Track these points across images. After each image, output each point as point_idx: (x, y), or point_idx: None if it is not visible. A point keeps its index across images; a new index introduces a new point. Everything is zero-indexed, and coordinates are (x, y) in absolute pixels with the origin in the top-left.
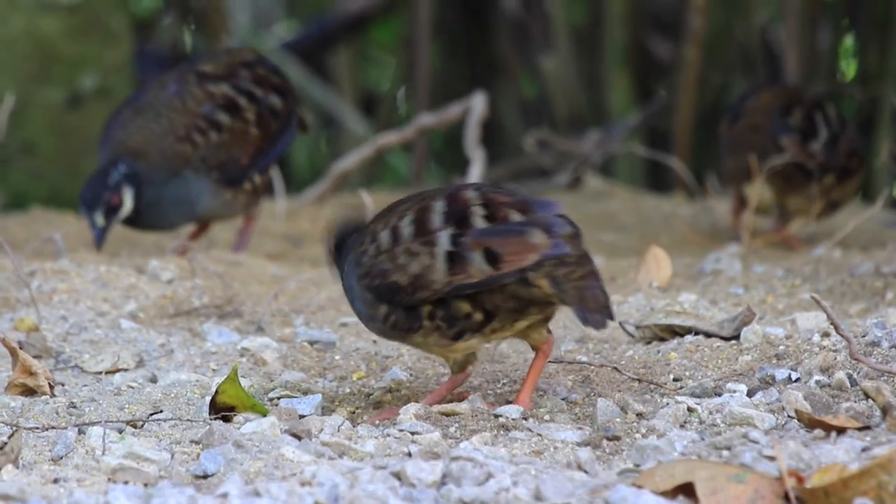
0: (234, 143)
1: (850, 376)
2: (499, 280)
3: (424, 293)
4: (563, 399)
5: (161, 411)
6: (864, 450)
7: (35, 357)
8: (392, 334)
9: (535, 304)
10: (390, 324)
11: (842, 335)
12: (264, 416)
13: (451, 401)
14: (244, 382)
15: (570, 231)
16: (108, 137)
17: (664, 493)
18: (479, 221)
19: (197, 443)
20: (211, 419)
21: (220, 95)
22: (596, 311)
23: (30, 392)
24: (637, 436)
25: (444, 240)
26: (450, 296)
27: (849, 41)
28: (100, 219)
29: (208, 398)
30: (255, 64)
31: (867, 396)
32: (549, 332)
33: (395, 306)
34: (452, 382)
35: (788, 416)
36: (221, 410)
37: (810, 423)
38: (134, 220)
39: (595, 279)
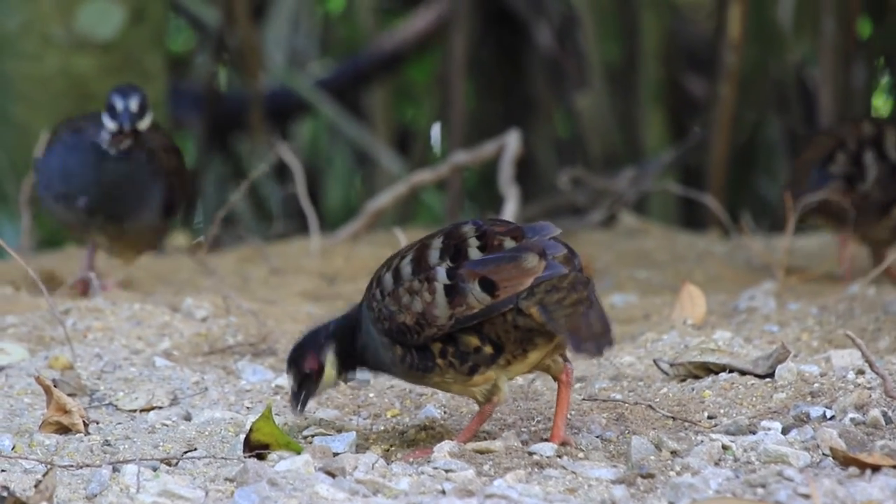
0: None
1: (884, 414)
2: (498, 308)
3: (430, 330)
4: (597, 437)
5: (195, 449)
6: None
7: (69, 395)
8: (413, 376)
9: (538, 333)
10: (407, 365)
11: (877, 373)
12: (298, 453)
13: (482, 437)
14: (278, 420)
15: (564, 253)
16: None
17: None
18: (474, 252)
19: (231, 481)
20: (245, 457)
21: None
22: (589, 339)
23: (64, 430)
24: (671, 473)
25: (441, 274)
26: (455, 330)
27: (884, 79)
28: (134, 104)
29: (242, 436)
30: None
31: None
32: (566, 359)
33: (408, 347)
34: (480, 416)
35: (823, 453)
36: (256, 448)
37: (845, 461)
38: None
39: (590, 305)
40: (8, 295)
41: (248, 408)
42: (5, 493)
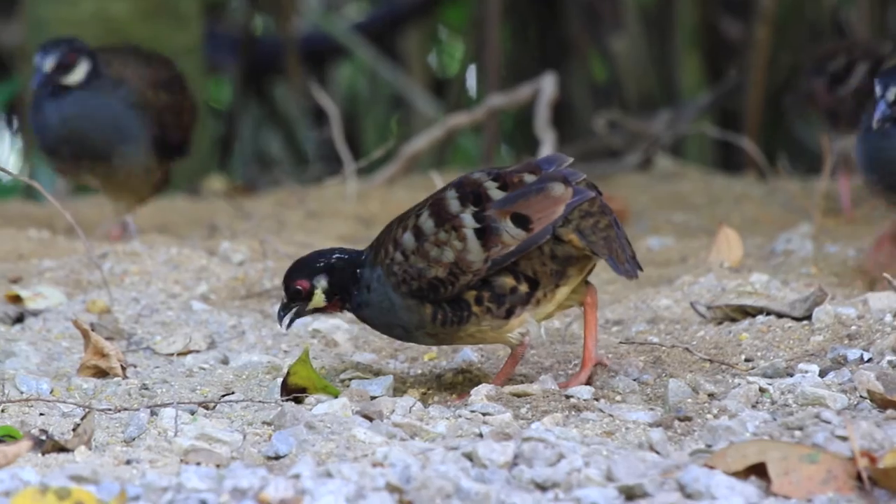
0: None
1: None
2: (535, 241)
3: (465, 278)
4: (634, 380)
5: (233, 392)
6: None
7: (107, 339)
8: (443, 333)
9: (572, 264)
10: (440, 322)
11: None
12: (336, 397)
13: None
14: (315, 364)
15: (584, 178)
16: None
17: (736, 474)
18: (496, 193)
19: (269, 424)
20: (282, 400)
21: None
22: (626, 261)
23: (102, 374)
24: (709, 416)
25: (468, 220)
26: (490, 274)
27: None
28: (48, 64)
29: (280, 380)
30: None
31: None
32: (587, 283)
33: (439, 303)
34: (514, 358)
35: (860, 396)
36: (293, 392)
37: (883, 404)
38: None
39: (619, 229)
40: (45, 239)
41: (285, 351)
42: (44, 437)
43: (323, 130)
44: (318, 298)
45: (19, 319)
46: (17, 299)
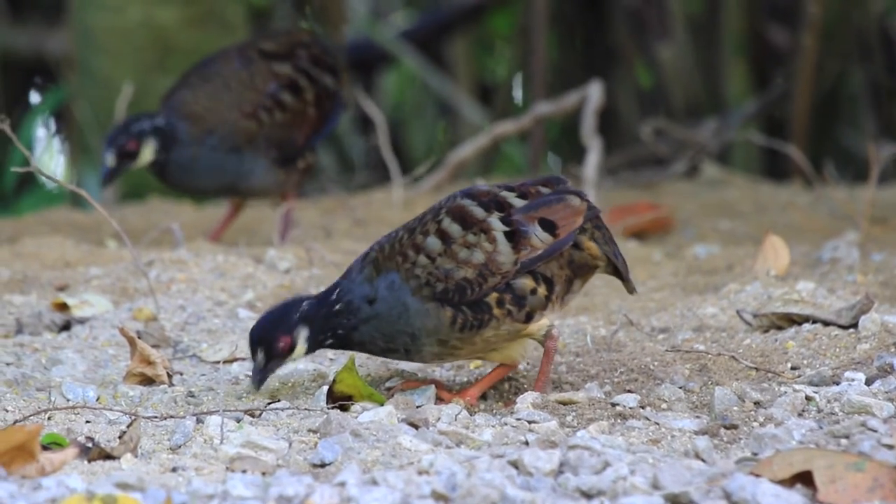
0: (294, 122)
1: None
2: (561, 246)
3: (494, 280)
4: (680, 388)
5: (279, 400)
6: None
7: (153, 346)
8: (456, 340)
9: (580, 274)
10: (458, 326)
11: None
12: (381, 405)
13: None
14: (361, 371)
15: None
16: (172, 96)
17: (782, 482)
18: (516, 201)
19: (314, 432)
20: (328, 408)
21: (284, 76)
22: (628, 276)
23: (148, 381)
24: (755, 424)
25: (496, 223)
26: (513, 277)
27: None
28: (111, 159)
29: (325, 387)
30: (311, 45)
31: None
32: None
33: (459, 307)
34: (548, 355)
35: None
36: (339, 399)
37: None
38: (162, 175)
39: (616, 247)
40: (92, 247)
41: (330, 359)
42: (90, 444)
43: (370, 138)
44: (301, 350)
45: (66, 327)
46: (63, 307)
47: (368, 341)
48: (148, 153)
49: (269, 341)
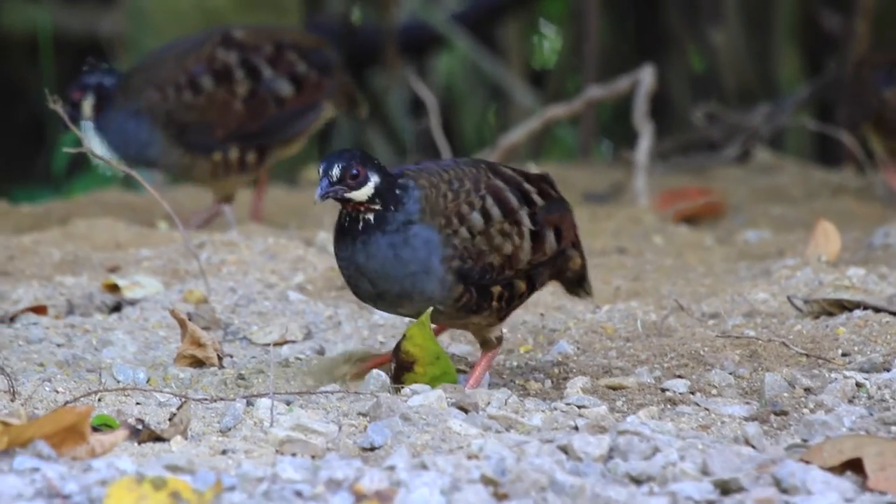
0: (209, 109)
1: None
2: (557, 257)
3: (509, 273)
4: (730, 373)
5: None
6: None
7: (204, 328)
8: (450, 314)
9: (546, 282)
10: (461, 304)
11: None
12: (446, 372)
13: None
14: None
15: None
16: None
17: (832, 469)
18: (537, 199)
19: (364, 415)
20: (377, 392)
21: (220, 61)
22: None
23: (199, 363)
24: (805, 411)
25: (526, 220)
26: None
27: None
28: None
29: (375, 370)
30: (286, 47)
31: None
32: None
33: (469, 287)
34: (491, 358)
35: None
36: (402, 364)
37: None
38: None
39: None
40: (143, 228)
41: (381, 342)
42: (140, 426)
43: (421, 121)
44: (366, 190)
45: (116, 308)
46: (114, 288)
47: (379, 253)
48: (87, 108)
49: (347, 165)
